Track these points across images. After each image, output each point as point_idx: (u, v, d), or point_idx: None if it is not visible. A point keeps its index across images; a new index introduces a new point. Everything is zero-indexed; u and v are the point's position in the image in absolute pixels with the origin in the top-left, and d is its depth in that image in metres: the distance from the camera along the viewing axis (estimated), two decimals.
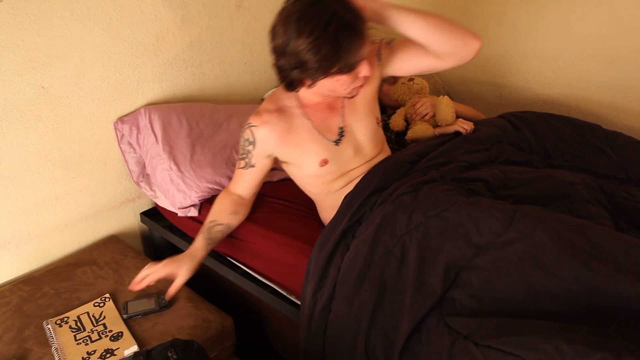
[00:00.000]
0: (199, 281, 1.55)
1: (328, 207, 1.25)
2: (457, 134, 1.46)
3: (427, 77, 1.73)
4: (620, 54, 1.59)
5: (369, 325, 0.96)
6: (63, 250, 1.48)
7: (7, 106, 1.26)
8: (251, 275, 1.30)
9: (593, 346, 0.76)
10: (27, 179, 1.34)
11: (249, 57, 1.77)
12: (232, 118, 1.59)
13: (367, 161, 1.24)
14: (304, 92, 1.15)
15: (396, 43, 1.16)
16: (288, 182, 1.38)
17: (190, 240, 1.46)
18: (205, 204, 1.42)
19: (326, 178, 1.23)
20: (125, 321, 1.20)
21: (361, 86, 1.09)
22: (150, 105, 1.51)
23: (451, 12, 1.91)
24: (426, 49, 1.10)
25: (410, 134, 1.51)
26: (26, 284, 1.33)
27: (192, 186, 1.40)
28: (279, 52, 1.02)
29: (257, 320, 1.41)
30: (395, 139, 1.61)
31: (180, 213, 1.43)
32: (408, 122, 1.60)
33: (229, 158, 1.47)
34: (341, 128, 1.19)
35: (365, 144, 1.22)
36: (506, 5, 1.77)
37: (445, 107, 1.49)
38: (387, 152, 1.31)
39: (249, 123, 1.18)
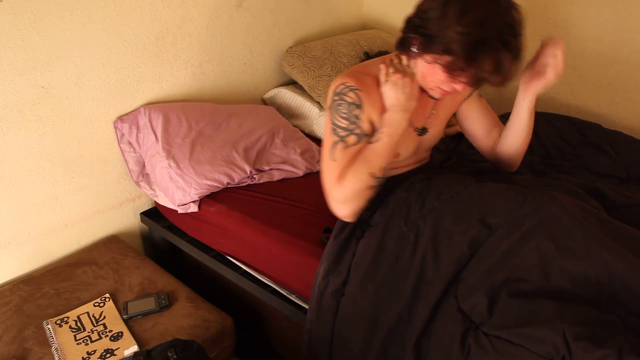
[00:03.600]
0: (199, 281, 1.55)
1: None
2: (460, 134, 1.47)
3: None
4: (620, 54, 1.59)
5: (384, 309, 0.96)
6: (63, 250, 1.48)
7: (7, 106, 1.26)
8: (251, 275, 1.30)
9: (597, 342, 0.77)
10: (27, 178, 1.34)
11: (249, 57, 1.77)
12: (232, 117, 1.59)
13: (408, 165, 1.21)
14: (415, 77, 1.06)
15: (481, 102, 1.22)
16: (288, 182, 1.38)
17: (189, 240, 1.46)
18: (205, 199, 1.42)
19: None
20: (125, 321, 1.20)
21: (447, 93, 1.03)
22: (150, 104, 1.51)
23: None
24: (503, 136, 1.19)
25: None
26: (26, 284, 1.33)
27: (192, 183, 1.40)
28: (426, 17, 0.96)
29: (257, 320, 1.41)
30: None
31: (180, 210, 1.43)
32: None
33: (229, 156, 1.47)
34: (423, 127, 1.16)
35: (426, 146, 1.22)
36: None
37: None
38: (428, 159, 1.29)
39: (346, 84, 1.03)
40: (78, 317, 1.22)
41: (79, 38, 1.33)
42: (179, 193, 1.40)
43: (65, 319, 1.21)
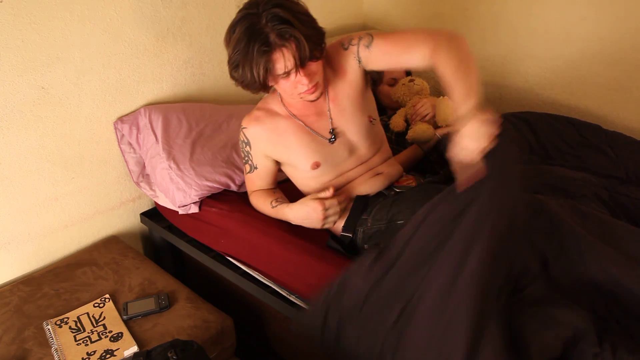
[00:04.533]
0: (199, 282, 1.55)
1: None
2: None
3: (427, 77, 1.73)
4: (620, 55, 1.59)
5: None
6: (63, 250, 1.48)
7: (7, 106, 1.26)
8: (251, 275, 1.30)
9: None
10: (27, 179, 1.34)
11: None
12: (232, 118, 1.59)
13: (364, 162, 1.23)
14: (285, 98, 1.20)
15: (376, 46, 1.14)
16: (289, 182, 1.38)
17: (189, 240, 1.46)
18: (206, 200, 1.42)
19: (321, 180, 1.23)
20: (125, 322, 1.20)
21: (309, 91, 1.10)
22: (150, 105, 1.51)
23: (451, 13, 1.91)
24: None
25: (411, 134, 1.51)
26: (26, 285, 1.33)
27: (192, 184, 1.40)
28: (231, 62, 1.08)
29: (257, 320, 1.41)
30: (395, 139, 1.61)
31: (181, 211, 1.43)
32: (408, 123, 1.60)
33: (229, 157, 1.47)
34: (332, 130, 1.20)
35: (359, 144, 1.22)
36: (506, 6, 1.77)
37: (445, 108, 1.50)
38: (386, 151, 1.31)
39: (241, 126, 1.24)
40: (78, 317, 1.22)
41: (79, 39, 1.33)
42: (180, 194, 1.40)
43: (65, 319, 1.21)
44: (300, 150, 1.20)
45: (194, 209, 1.41)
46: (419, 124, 1.53)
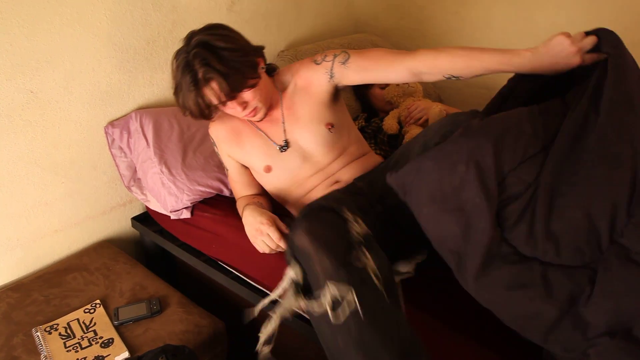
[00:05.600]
0: (191, 286, 1.54)
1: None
2: None
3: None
4: None
5: None
6: (53, 256, 1.46)
7: None
8: (243, 279, 1.30)
9: None
10: (16, 184, 1.33)
11: None
12: None
13: (322, 169, 1.22)
14: None
15: (353, 63, 1.17)
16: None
17: (180, 244, 1.45)
18: (198, 205, 1.42)
19: (277, 184, 1.25)
20: (116, 327, 1.19)
21: (252, 115, 1.16)
22: (142, 109, 1.51)
23: (442, 15, 1.92)
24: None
25: (408, 139, 1.52)
26: (15, 291, 1.32)
27: (184, 189, 1.39)
28: (177, 92, 1.14)
29: (249, 324, 1.40)
30: (388, 141, 1.62)
31: (173, 216, 1.42)
32: (401, 125, 1.61)
33: (221, 162, 1.47)
34: (285, 141, 1.22)
35: (314, 152, 1.21)
36: (495, 9, 1.79)
37: (438, 116, 1.53)
38: (350, 155, 1.25)
39: (210, 129, 1.30)
40: (68, 323, 1.20)
41: (68, 42, 1.32)
42: (171, 199, 1.40)
43: (55, 326, 1.20)
44: (253, 152, 1.24)
45: (186, 214, 1.41)
46: (413, 128, 1.54)
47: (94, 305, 1.26)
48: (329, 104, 1.22)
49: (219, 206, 1.41)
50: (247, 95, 1.13)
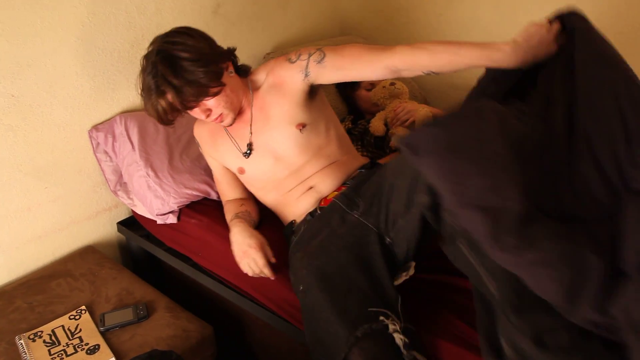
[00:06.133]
0: (178, 290, 1.53)
1: (283, 219, 1.26)
2: None
3: (404, 81, 1.75)
4: None
5: None
6: (37, 262, 1.44)
7: None
8: (231, 282, 1.29)
9: None
10: None
11: None
12: None
13: (296, 170, 1.20)
14: None
15: (329, 61, 1.13)
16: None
17: (167, 249, 1.44)
18: (184, 210, 1.41)
19: (256, 186, 1.26)
20: (103, 333, 1.18)
21: (219, 121, 1.16)
22: (126, 113, 1.49)
23: (425, 18, 1.94)
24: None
25: (395, 141, 1.54)
26: None
27: (170, 192, 1.38)
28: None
29: (238, 327, 1.40)
30: (375, 142, 1.63)
31: (159, 220, 1.41)
32: (388, 127, 1.62)
33: (207, 165, 1.46)
34: (249, 144, 1.21)
35: (285, 152, 1.19)
36: (479, 11, 1.81)
37: (424, 118, 1.55)
38: (324, 158, 1.21)
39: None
40: (52, 331, 1.19)
41: (50, 46, 1.30)
42: (158, 202, 1.38)
43: (39, 333, 1.18)
44: (226, 154, 1.25)
45: (172, 219, 1.40)
46: (401, 131, 1.55)
47: (79, 311, 1.24)
48: (303, 103, 1.19)
49: (207, 212, 1.40)
50: (210, 102, 1.12)
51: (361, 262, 0.99)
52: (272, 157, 1.20)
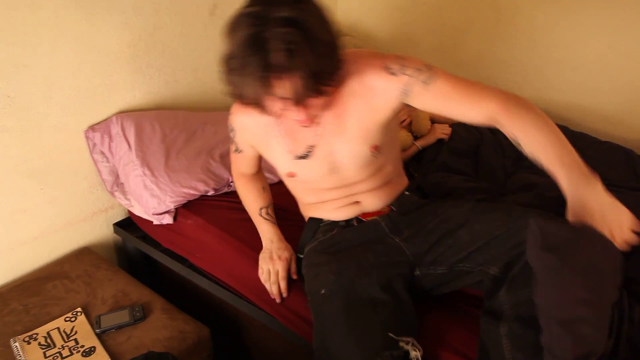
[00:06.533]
0: (175, 292, 1.52)
1: (305, 214, 1.24)
2: (440, 141, 1.52)
3: None
4: (584, 59, 1.65)
5: None
6: (32, 264, 1.43)
7: None
8: (227, 283, 1.29)
9: None
10: None
11: None
12: (207, 125, 1.58)
13: (347, 185, 1.09)
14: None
15: (438, 86, 0.95)
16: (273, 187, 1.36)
17: (164, 250, 1.44)
18: (181, 210, 1.40)
19: (296, 186, 1.18)
20: (98, 335, 1.17)
21: (307, 123, 0.93)
22: (123, 113, 1.49)
23: (424, 23, 1.95)
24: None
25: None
26: None
27: (167, 191, 1.37)
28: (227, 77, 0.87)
29: (234, 328, 1.39)
30: None
31: (155, 221, 1.40)
32: None
33: (205, 164, 1.46)
34: (311, 146, 1.03)
35: (346, 167, 1.06)
36: (475, 14, 1.82)
37: (421, 119, 1.58)
38: (379, 179, 1.10)
39: (231, 110, 1.10)
40: (48, 333, 1.18)
41: (47, 46, 1.30)
42: (154, 201, 1.38)
43: (34, 335, 1.17)
44: (278, 157, 1.08)
45: (168, 220, 1.39)
46: (401, 130, 1.57)
47: (75, 313, 1.23)
48: (385, 123, 1.00)
49: (203, 212, 1.39)
50: (316, 100, 0.87)
51: (390, 283, 0.98)
52: (329, 167, 1.05)
